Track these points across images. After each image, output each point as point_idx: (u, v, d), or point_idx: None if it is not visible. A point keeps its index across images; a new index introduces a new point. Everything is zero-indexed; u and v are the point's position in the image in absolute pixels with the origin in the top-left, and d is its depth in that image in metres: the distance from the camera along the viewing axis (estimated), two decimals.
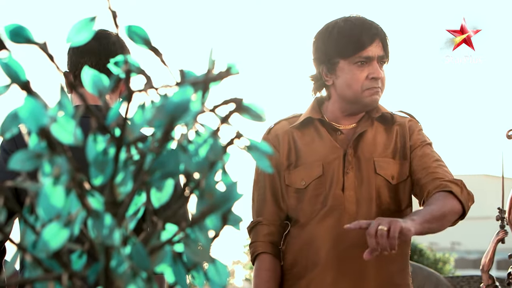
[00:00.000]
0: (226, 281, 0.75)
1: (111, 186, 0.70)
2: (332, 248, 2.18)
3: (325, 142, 2.26)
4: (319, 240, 2.20)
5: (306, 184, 2.24)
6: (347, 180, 2.21)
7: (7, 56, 0.69)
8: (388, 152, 2.25)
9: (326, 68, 2.24)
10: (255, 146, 0.74)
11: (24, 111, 0.65)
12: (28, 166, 0.66)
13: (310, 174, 2.23)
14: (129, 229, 0.71)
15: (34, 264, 0.68)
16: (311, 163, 2.24)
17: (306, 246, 2.22)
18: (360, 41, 2.18)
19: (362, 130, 2.25)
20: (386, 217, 1.95)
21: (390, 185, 2.22)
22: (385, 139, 2.27)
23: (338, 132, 2.27)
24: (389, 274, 2.22)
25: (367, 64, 2.19)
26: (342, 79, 2.22)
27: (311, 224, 2.22)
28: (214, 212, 0.70)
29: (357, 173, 2.22)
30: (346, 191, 2.20)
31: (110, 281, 0.67)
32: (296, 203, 2.25)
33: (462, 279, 6.27)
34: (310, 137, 2.28)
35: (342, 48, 2.19)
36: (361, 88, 2.20)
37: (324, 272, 2.19)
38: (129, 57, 0.75)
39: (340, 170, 2.22)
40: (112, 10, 0.72)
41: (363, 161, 2.23)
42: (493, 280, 3.23)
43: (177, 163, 0.70)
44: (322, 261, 2.19)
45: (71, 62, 2.17)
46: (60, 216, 0.66)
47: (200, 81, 0.73)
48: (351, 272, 2.17)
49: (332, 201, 2.20)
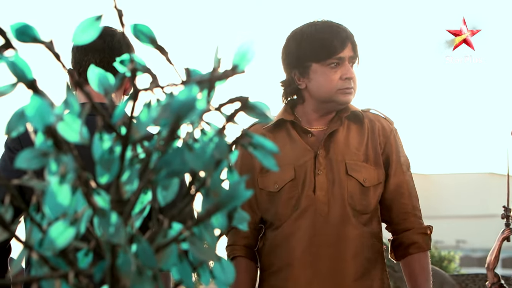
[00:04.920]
0: (232, 279, 0.75)
1: (117, 185, 0.70)
2: (307, 248, 2.22)
3: (296, 145, 2.29)
4: (293, 241, 2.23)
5: (279, 187, 2.27)
6: (318, 180, 2.24)
7: (13, 55, 0.69)
8: (360, 155, 2.29)
9: (299, 72, 2.28)
10: (261, 145, 0.74)
11: (31, 110, 0.65)
12: (34, 164, 0.66)
13: (283, 177, 2.26)
14: (135, 228, 0.71)
15: (40, 262, 0.68)
16: (283, 166, 2.26)
17: (281, 248, 2.26)
18: (333, 46, 2.23)
19: (332, 130, 2.28)
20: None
21: (362, 188, 2.26)
22: (357, 140, 2.30)
23: (309, 135, 2.30)
24: (365, 271, 2.25)
25: (339, 66, 2.24)
26: (316, 82, 2.26)
27: (284, 226, 2.25)
28: (219, 210, 0.70)
29: (328, 174, 2.25)
30: (317, 191, 2.23)
31: (116, 279, 0.67)
32: (269, 206, 2.28)
33: (467, 277, 6.26)
34: (282, 140, 2.30)
35: (315, 53, 2.24)
36: (335, 89, 2.24)
37: (299, 272, 2.23)
38: (135, 55, 0.76)
39: (312, 171, 2.25)
40: (118, 9, 0.72)
41: (335, 162, 2.26)
42: (498, 278, 3.23)
43: (183, 162, 0.70)
44: (296, 261, 2.23)
45: (75, 60, 2.17)
46: (67, 214, 0.66)
47: (205, 79, 0.73)
48: (326, 271, 2.21)
49: (304, 203, 2.24)
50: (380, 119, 2.36)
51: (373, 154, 2.30)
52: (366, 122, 2.33)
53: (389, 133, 2.34)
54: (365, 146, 2.30)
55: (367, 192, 2.27)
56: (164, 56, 0.78)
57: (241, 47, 0.74)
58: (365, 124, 2.32)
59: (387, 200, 2.32)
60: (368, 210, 2.27)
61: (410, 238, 2.30)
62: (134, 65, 0.74)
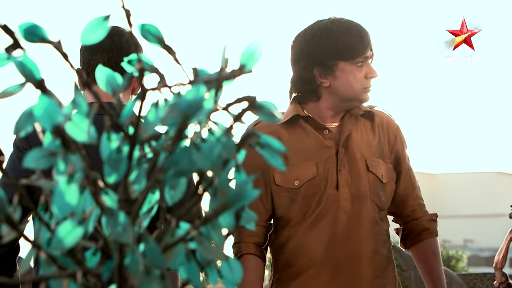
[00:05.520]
0: (239, 278, 0.75)
1: (125, 184, 0.70)
2: (329, 247, 2.22)
3: (315, 141, 2.28)
4: (314, 240, 2.23)
5: (300, 184, 2.25)
6: (341, 177, 2.24)
7: (21, 55, 0.69)
8: (374, 151, 2.31)
9: (322, 69, 2.26)
10: (268, 144, 0.74)
11: (39, 110, 0.66)
12: (42, 164, 0.66)
13: (304, 174, 2.25)
14: (143, 227, 0.71)
15: (48, 262, 0.68)
16: (303, 162, 2.25)
17: (302, 246, 2.24)
18: (362, 45, 2.25)
19: (350, 129, 2.29)
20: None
21: (381, 183, 2.29)
22: (371, 137, 2.33)
23: (326, 131, 2.29)
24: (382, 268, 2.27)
25: (364, 65, 2.27)
26: (343, 80, 2.26)
27: (305, 224, 2.24)
28: (227, 210, 0.70)
29: (350, 170, 2.26)
30: (340, 188, 2.24)
31: (124, 278, 0.67)
32: (288, 202, 2.26)
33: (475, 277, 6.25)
34: (298, 135, 2.29)
35: (344, 51, 2.24)
36: (361, 87, 2.26)
37: (320, 271, 2.22)
38: (143, 55, 0.76)
39: (334, 168, 2.25)
40: (125, 9, 0.72)
41: (355, 159, 2.27)
42: (506, 277, 3.22)
43: (191, 161, 0.70)
44: (318, 260, 2.22)
45: (83, 60, 2.17)
46: (75, 214, 0.66)
47: (213, 79, 0.73)
48: (348, 269, 2.21)
49: (327, 200, 2.23)
50: (386, 116, 2.39)
51: (384, 150, 2.33)
52: (376, 119, 2.35)
53: (396, 130, 2.38)
54: (377, 142, 2.32)
55: (384, 188, 2.30)
56: (171, 56, 0.79)
57: (249, 47, 0.74)
58: (376, 121, 2.35)
59: (401, 196, 2.37)
60: (385, 206, 2.31)
61: (421, 225, 2.38)
62: (142, 64, 0.74)
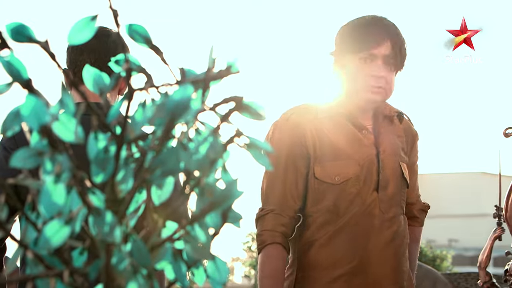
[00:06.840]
0: (226, 278, 0.75)
1: (112, 184, 0.71)
2: (363, 251, 2.21)
3: (356, 140, 2.25)
4: (347, 242, 2.21)
5: (340, 180, 2.21)
6: (382, 179, 2.24)
7: (8, 54, 0.69)
8: (403, 156, 2.33)
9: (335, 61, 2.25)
10: (255, 144, 0.74)
11: (26, 109, 0.66)
12: (29, 164, 0.66)
13: (346, 171, 2.21)
14: (130, 227, 0.72)
15: (35, 261, 0.68)
16: (346, 160, 2.22)
17: (333, 247, 2.21)
18: (367, 40, 2.19)
19: (386, 131, 2.29)
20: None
21: (407, 185, 2.33)
22: (398, 139, 2.33)
23: (364, 131, 2.26)
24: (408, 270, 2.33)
25: (371, 62, 2.20)
26: (345, 72, 2.23)
27: (341, 221, 2.21)
28: (214, 209, 0.71)
29: (389, 172, 2.26)
30: (380, 190, 2.23)
31: (111, 278, 0.67)
32: (324, 197, 2.22)
33: (459, 276, 6.29)
34: (338, 131, 2.25)
35: (351, 43, 2.21)
36: (360, 84, 2.20)
37: (352, 275, 2.21)
38: (130, 55, 0.76)
39: (375, 169, 2.24)
40: (113, 9, 0.73)
41: (392, 162, 2.27)
42: (490, 277, 3.24)
43: (178, 161, 0.70)
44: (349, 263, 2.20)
45: (70, 60, 2.17)
46: (62, 214, 0.66)
47: (200, 79, 0.73)
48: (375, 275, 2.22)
49: (368, 200, 2.22)
50: (407, 120, 2.39)
51: (406, 154, 2.34)
52: (402, 123, 2.35)
53: (415, 135, 2.40)
54: (403, 146, 2.33)
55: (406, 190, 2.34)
56: (159, 56, 0.79)
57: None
58: (402, 126, 2.35)
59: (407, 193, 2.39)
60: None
61: (412, 212, 2.44)
62: (129, 65, 0.74)
